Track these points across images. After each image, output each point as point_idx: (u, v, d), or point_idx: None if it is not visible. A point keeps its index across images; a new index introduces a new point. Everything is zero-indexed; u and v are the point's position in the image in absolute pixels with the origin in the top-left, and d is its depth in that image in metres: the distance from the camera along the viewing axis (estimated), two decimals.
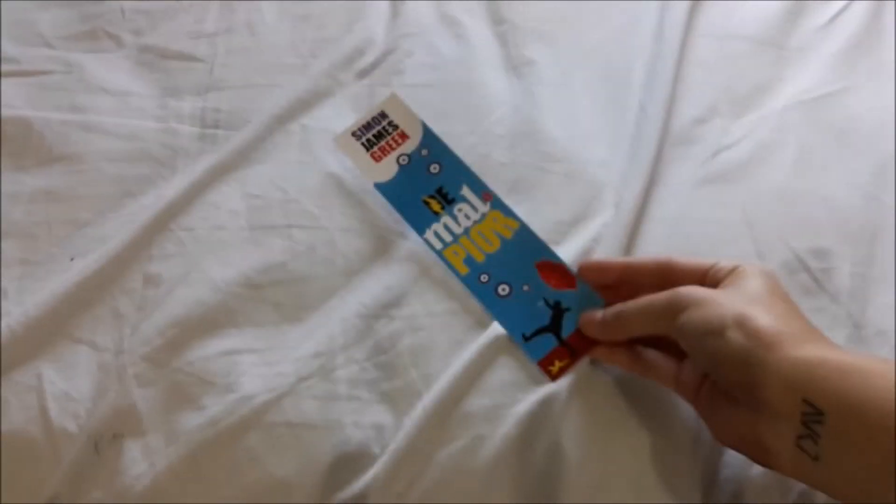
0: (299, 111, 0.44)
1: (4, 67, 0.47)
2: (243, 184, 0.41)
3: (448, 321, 0.36)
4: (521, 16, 0.48)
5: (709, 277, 0.32)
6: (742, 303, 0.28)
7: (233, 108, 0.45)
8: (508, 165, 0.42)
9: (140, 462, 0.34)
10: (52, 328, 0.37)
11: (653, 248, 0.38)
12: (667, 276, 0.33)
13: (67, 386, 0.36)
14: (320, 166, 0.42)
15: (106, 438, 0.34)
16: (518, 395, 0.34)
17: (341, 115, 0.44)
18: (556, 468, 0.33)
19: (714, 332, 0.28)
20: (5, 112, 0.45)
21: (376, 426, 0.34)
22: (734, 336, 0.27)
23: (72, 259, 0.39)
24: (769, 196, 0.40)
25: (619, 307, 0.33)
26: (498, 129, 0.43)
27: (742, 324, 0.27)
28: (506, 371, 0.35)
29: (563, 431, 0.34)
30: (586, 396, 0.34)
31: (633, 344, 0.34)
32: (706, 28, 0.47)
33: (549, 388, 0.34)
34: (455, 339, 0.36)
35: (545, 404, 0.34)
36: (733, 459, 0.33)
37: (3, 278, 0.39)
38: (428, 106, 0.44)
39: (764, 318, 0.27)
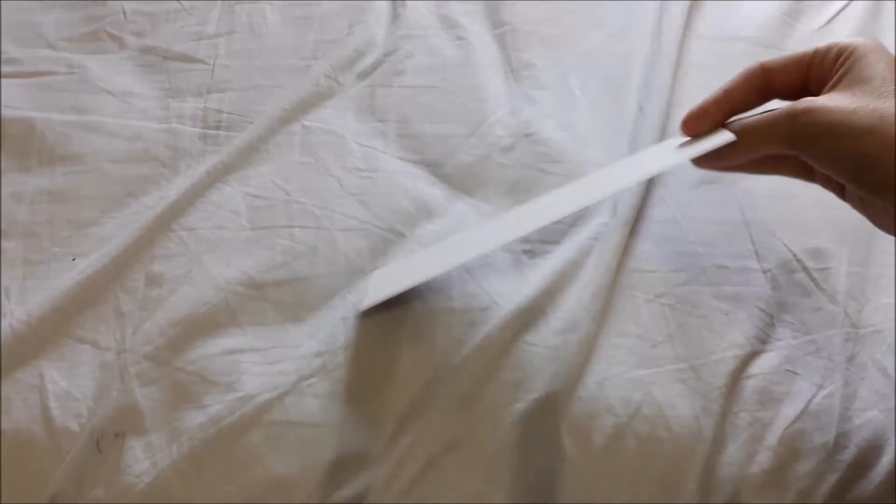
0: (301, 112, 0.44)
1: (7, 68, 0.47)
2: (245, 184, 0.42)
3: (448, 320, 0.37)
4: (520, 18, 0.48)
5: (813, 70, 0.28)
6: (874, 105, 0.24)
7: (235, 109, 0.45)
8: (508, 167, 0.42)
9: (142, 461, 0.34)
10: (55, 327, 0.37)
11: (652, 248, 0.39)
12: (766, 88, 0.29)
13: (69, 385, 0.36)
14: (322, 167, 0.42)
15: (108, 437, 0.35)
16: (518, 394, 0.34)
17: (342, 116, 0.45)
18: (555, 467, 0.34)
19: (859, 160, 0.25)
20: (8, 113, 0.45)
21: (377, 425, 0.34)
22: (881, 156, 0.24)
23: (74, 259, 0.40)
24: (766, 196, 0.40)
25: (739, 122, 0.29)
26: (497, 130, 0.44)
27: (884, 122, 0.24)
28: (506, 370, 0.35)
29: (562, 431, 0.34)
30: (586, 396, 0.34)
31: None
32: (704, 30, 0.48)
33: (549, 387, 0.34)
34: (455, 338, 0.36)
35: (545, 404, 0.34)
36: (732, 459, 0.33)
37: (5, 278, 0.39)
38: (428, 108, 0.45)
39: None
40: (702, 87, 0.44)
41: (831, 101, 0.26)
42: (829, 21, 0.48)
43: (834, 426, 0.34)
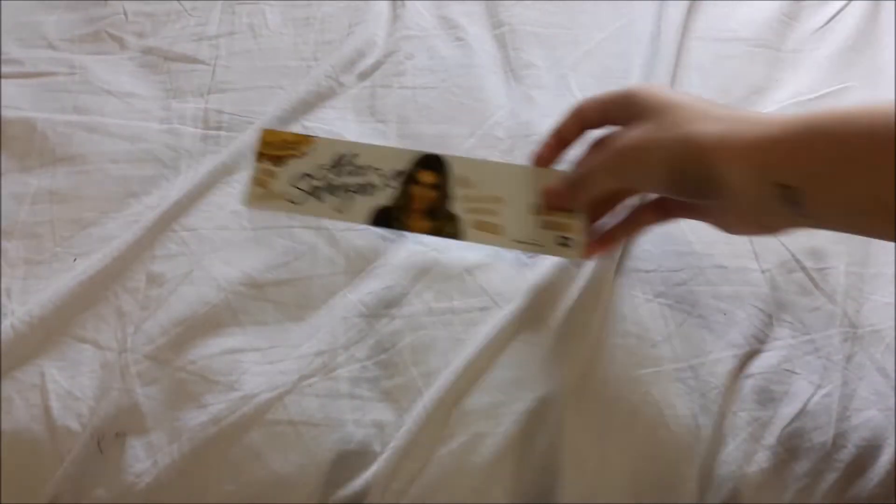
0: (301, 113, 0.44)
1: (8, 69, 0.47)
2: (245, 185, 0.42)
3: (448, 320, 0.37)
4: (519, 19, 0.49)
5: (609, 113, 0.33)
6: (675, 131, 0.29)
7: (235, 110, 0.45)
8: None
9: (143, 460, 0.34)
10: (56, 327, 0.37)
11: (651, 249, 0.39)
12: (580, 122, 0.34)
13: (71, 384, 0.36)
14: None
15: (109, 436, 0.35)
16: (517, 394, 0.34)
17: (343, 116, 0.45)
18: (554, 466, 0.34)
19: (669, 169, 0.29)
20: (9, 113, 0.45)
21: (377, 424, 0.35)
22: (688, 166, 0.29)
23: (75, 259, 0.40)
24: None
25: (574, 172, 0.34)
26: (497, 131, 0.44)
27: (687, 148, 0.28)
28: (505, 369, 0.35)
29: (561, 430, 0.34)
30: (585, 395, 0.35)
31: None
32: (702, 31, 0.48)
33: (549, 386, 0.34)
34: (455, 338, 0.36)
35: (544, 402, 0.34)
36: (730, 458, 0.33)
37: (7, 278, 0.39)
38: (428, 108, 0.45)
39: (704, 129, 0.28)
40: (700, 88, 0.45)
41: (630, 132, 0.31)
42: (828, 21, 0.48)
43: (832, 425, 0.34)
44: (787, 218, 0.28)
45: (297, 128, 0.44)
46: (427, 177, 0.35)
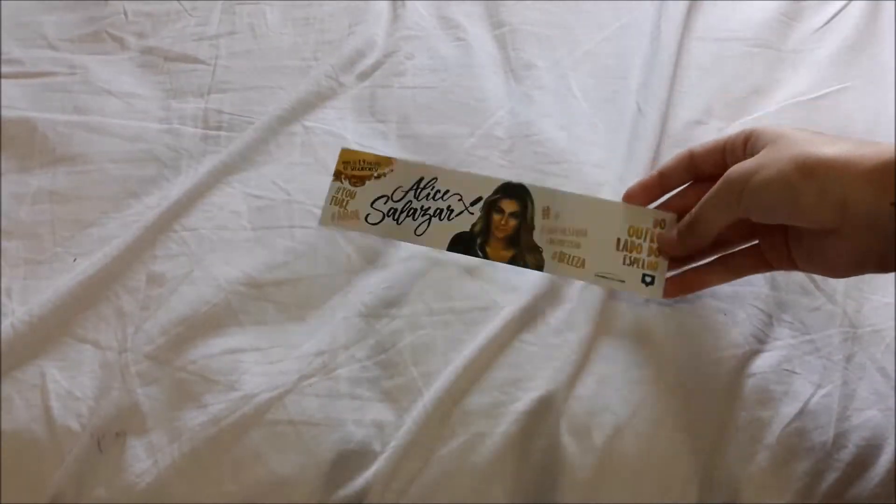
0: (301, 113, 0.44)
1: (8, 69, 0.47)
2: (246, 185, 0.42)
3: (448, 320, 0.37)
4: (519, 19, 0.49)
5: (728, 154, 0.32)
6: (789, 151, 0.29)
7: (235, 110, 0.45)
8: (507, 167, 0.42)
9: (143, 460, 0.34)
10: (56, 327, 0.37)
11: None
12: (693, 169, 0.34)
13: (71, 384, 0.36)
14: (322, 167, 0.42)
15: (109, 436, 0.35)
16: (517, 394, 0.35)
17: (343, 116, 0.45)
18: (554, 466, 0.34)
19: (783, 186, 0.28)
20: (10, 113, 0.45)
21: (377, 424, 0.35)
22: (802, 182, 0.28)
23: (75, 259, 0.40)
24: None
25: (686, 217, 0.33)
26: (497, 131, 0.44)
27: (803, 164, 0.28)
28: (505, 369, 0.35)
29: (561, 430, 0.34)
30: (585, 395, 0.35)
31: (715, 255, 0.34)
32: (702, 30, 0.48)
33: (549, 386, 0.34)
34: (455, 338, 0.36)
35: (544, 402, 0.34)
36: (731, 458, 0.33)
37: (7, 278, 0.39)
38: (428, 108, 0.45)
39: (821, 149, 0.28)
40: (700, 88, 0.45)
41: (753, 160, 0.30)
42: (828, 21, 0.48)
43: (832, 425, 0.34)
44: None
45: (297, 128, 0.44)
46: (509, 205, 0.35)
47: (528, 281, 0.38)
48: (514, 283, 0.38)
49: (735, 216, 0.31)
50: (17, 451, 0.35)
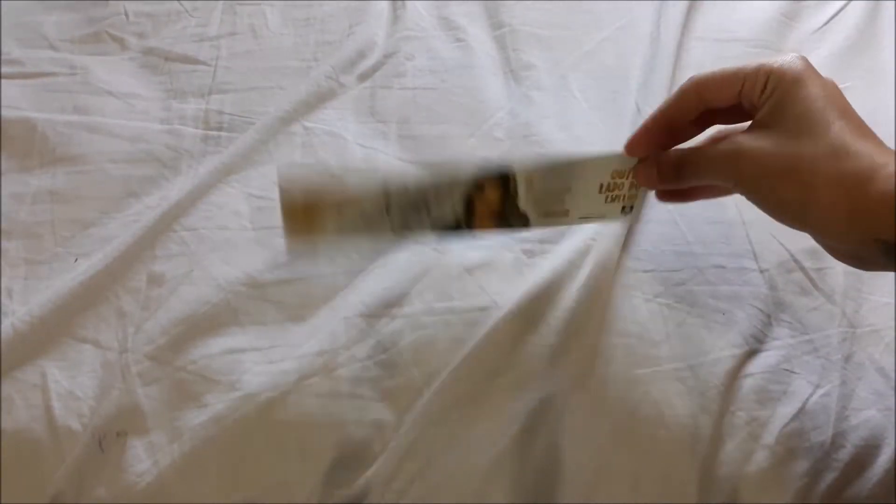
0: (302, 113, 0.44)
1: (8, 69, 0.47)
2: (246, 185, 0.42)
3: (448, 320, 0.37)
4: (519, 20, 0.49)
5: (745, 90, 0.29)
6: (792, 146, 0.26)
7: (236, 111, 0.45)
8: None
9: (144, 460, 0.34)
10: (57, 327, 0.37)
11: (650, 249, 0.39)
12: (700, 103, 0.30)
13: (71, 384, 0.36)
14: (322, 167, 0.42)
15: (110, 436, 0.35)
16: (517, 394, 0.35)
17: (343, 117, 0.45)
18: (554, 466, 0.34)
19: (799, 191, 0.26)
20: (9, 113, 0.45)
21: (377, 424, 0.35)
22: (803, 198, 0.26)
23: (76, 259, 0.40)
24: None
25: (674, 157, 0.31)
26: (497, 131, 0.44)
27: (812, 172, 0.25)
28: (505, 370, 0.35)
29: (561, 430, 0.34)
30: (585, 395, 0.35)
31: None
32: (702, 31, 0.48)
33: (549, 386, 0.34)
34: (455, 338, 0.36)
35: (544, 403, 0.34)
36: (730, 458, 0.34)
37: (7, 278, 0.39)
38: (428, 109, 0.45)
39: (856, 158, 0.25)
40: None
41: (756, 142, 0.28)
42: (828, 21, 0.48)
43: (831, 425, 0.34)
44: (886, 266, 0.26)
45: (297, 128, 0.44)
46: (490, 187, 0.33)
47: (528, 281, 0.38)
48: (514, 283, 0.38)
49: (728, 188, 0.29)
50: (17, 451, 0.35)
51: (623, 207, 0.34)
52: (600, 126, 0.44)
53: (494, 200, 0.33)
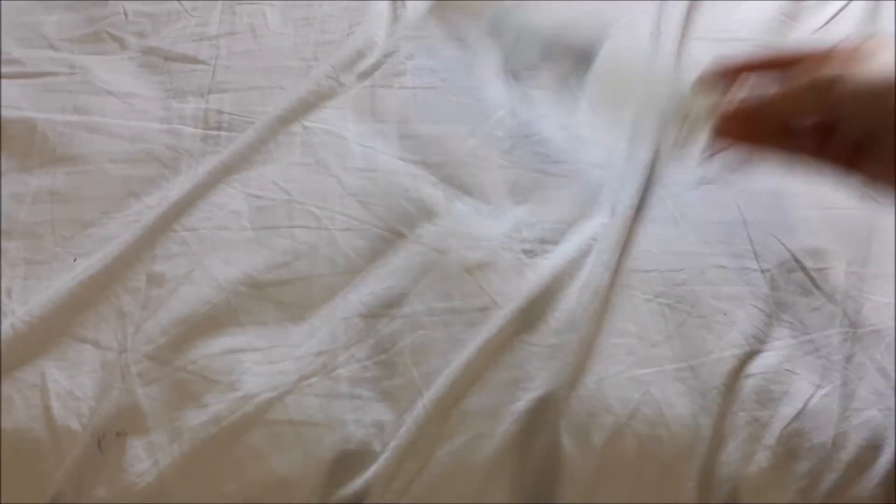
0: (301, 113, 0.44)
1: (8, 69, 0.47)
2: (246, 185, 0.42)
3: (448, 320, 0.37)
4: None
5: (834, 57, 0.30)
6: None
7: (235, 110, 0.45)
8: (507, 167, 0.43)
9: (143, 460, 0.34)
10: (56, 327, 0.37)
11: (650, 249, 0.39)
12: (788, 65, 0.31)
13: (71, 384, 0.36)
14: (322, 167, 0.42)
15: (109, 436, 0.35)
16: (517, 394, 0.35)
17: (343, 116, 0.45)
18: (554, 466, 0.34)
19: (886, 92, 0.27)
20: (9, 113, 0.45)
21: (377, 424, 0.35)
22: None
23: (75, 259, 0.40)
24: (765, 196, 0.41)
25: (754, 100, 0.31)
26: (497, 131, 0.44)
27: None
28: (505, 369, 0.35)
29: (561, 430, 0.34)
30: (585, 395, 0.35)
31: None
32: (703, 30, 0.48)
33: (548, 386, 0.34)
34: (455, 338, 0.36)
35: (544, 402, 0.34)
36: (730, 458, 0.34)
37: (7, 278, 0.39)
38: (428, 108, 0.45)
39: None
40: None
41: (860, 73, 0.28)
42: (828, 21, 0.48)
43: (832, 426, 0.34)
44: None
45: (297, 128, 0.44)
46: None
47: (528, 281, 0.38)
48: (514, 283, 0.38)
49: (815, 114, 0.29)
50: (17, 451, 0.35)
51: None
52: (600, 126, 0.44)
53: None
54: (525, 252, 0.39)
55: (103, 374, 0.36)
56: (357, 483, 0.33)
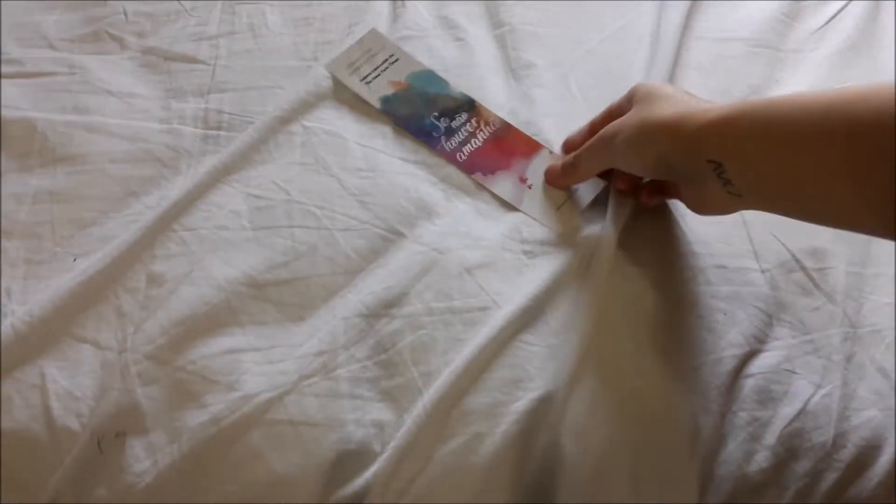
0: (301, 112, 0.44)
1: (8, 69, 0.47)
2: (246, 184, 0.42)
3: (448, 320, 0.37)
4: (519, 19, 0.49)
5: (623, 110, 0.36)
6: (639, 114, 0.34)
7: (235, 110, 0.45)
8: None
9: (143, 460, 0.34)
10: (56, 327, 0.37)
11: (651, 249, 0.39)
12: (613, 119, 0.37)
13: (71, 384, 0.36)
14: (322, 167, 0.42)
15: (109, 436, 0.35)
16: (517, 393, 0.35)
17: (343, 116, 0.45)
18: (554, 466, 0.34)
19: (629, 146, 0.34)
20: (9, 113, 0.45)
21: (377, 424, 0.35)
22: (642, 143, 0.33)
23: (75, 259, 0.40)
24: None
25: (570, 157, 0.40)
26: None
27: (642, 127, 0.33)
28: (505, 369, 0.35)
29: (561, 429, 0.34)
30: (585, 395, 0.35)
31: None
32: (702, 30, 0.48)
33: (549, 386, 0.34)
34: (455, 338, 0.36)
35: (544, 402, 0.34)
36: (730, 458, 0.34)
37: (7, 278, 0.39)
38: None
39: (660, 112, 0.32)
40: (700, 87, 0.45)
41: (614, 123, 0.35)
42: (828, 21, 0.48)
43: (832, 425, 0.34)
44: (726, 197, 0.31)
45: (297, 127, 0.44)
46: None
47: (528, 281, 0.38)
48: (514, 283, 0.38)
49: (606, 165, 0.38)
50: (16, 451, 0.35)
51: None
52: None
53: None
54: (525, 252, 0.39)
55: (103, 374, 0.36)
56: (357, 483, 0.33)
